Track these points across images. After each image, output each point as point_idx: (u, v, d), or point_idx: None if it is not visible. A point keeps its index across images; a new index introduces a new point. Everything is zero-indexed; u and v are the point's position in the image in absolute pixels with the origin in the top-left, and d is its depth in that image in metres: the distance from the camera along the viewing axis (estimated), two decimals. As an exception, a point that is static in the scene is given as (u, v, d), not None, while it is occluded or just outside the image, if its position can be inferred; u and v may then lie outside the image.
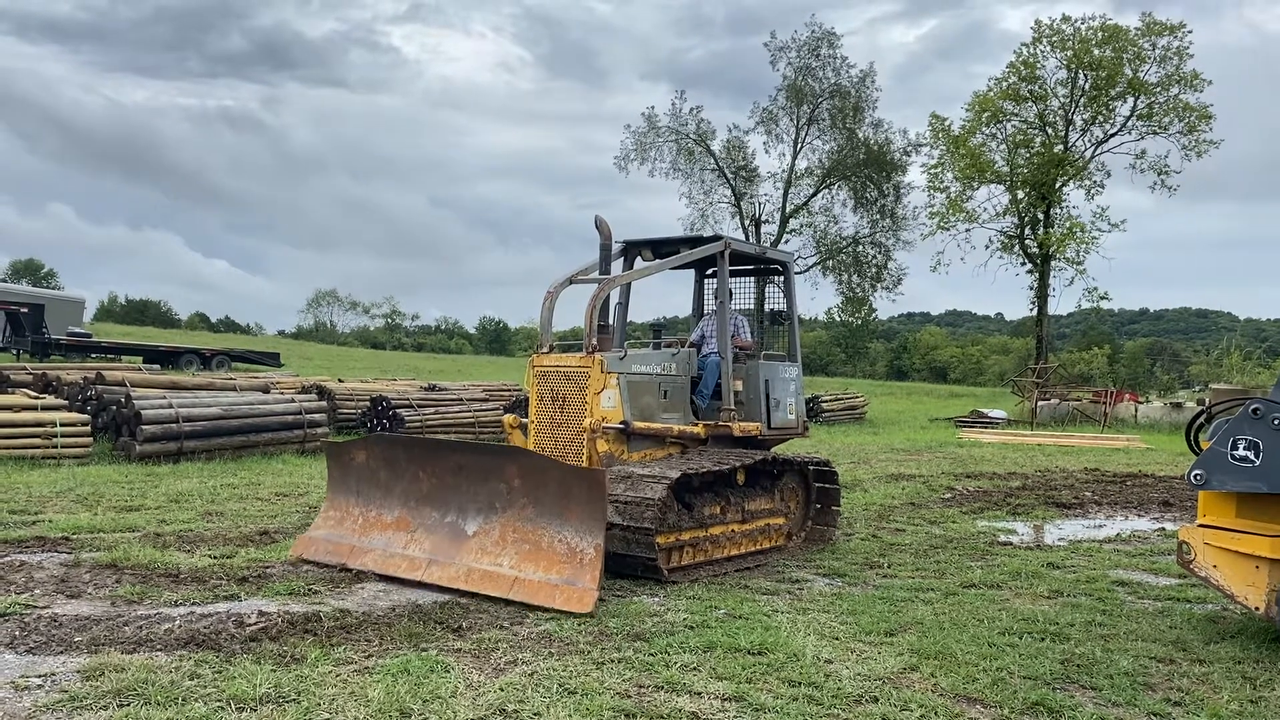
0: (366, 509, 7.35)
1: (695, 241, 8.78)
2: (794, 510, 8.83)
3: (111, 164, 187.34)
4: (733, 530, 7.86)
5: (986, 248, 45.96)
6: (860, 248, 55.73)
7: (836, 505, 9.09)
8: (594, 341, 7.69)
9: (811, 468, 8.96)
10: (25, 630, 5.30)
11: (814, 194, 55.85)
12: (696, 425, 8.29)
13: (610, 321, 8.92)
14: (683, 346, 8.87)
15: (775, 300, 9.87)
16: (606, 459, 7.52)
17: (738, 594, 6.83)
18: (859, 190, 54.85)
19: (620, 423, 7.65)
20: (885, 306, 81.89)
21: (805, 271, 56.22)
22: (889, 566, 8.05)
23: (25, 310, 34.82)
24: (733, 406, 8.55)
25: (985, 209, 45.73)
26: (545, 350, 8.00)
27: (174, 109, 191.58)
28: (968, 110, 45.61)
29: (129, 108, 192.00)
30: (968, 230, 45.67)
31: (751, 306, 10.16)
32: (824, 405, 28.22)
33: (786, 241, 56.12)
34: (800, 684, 4.86)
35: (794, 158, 55.53)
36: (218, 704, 4.27)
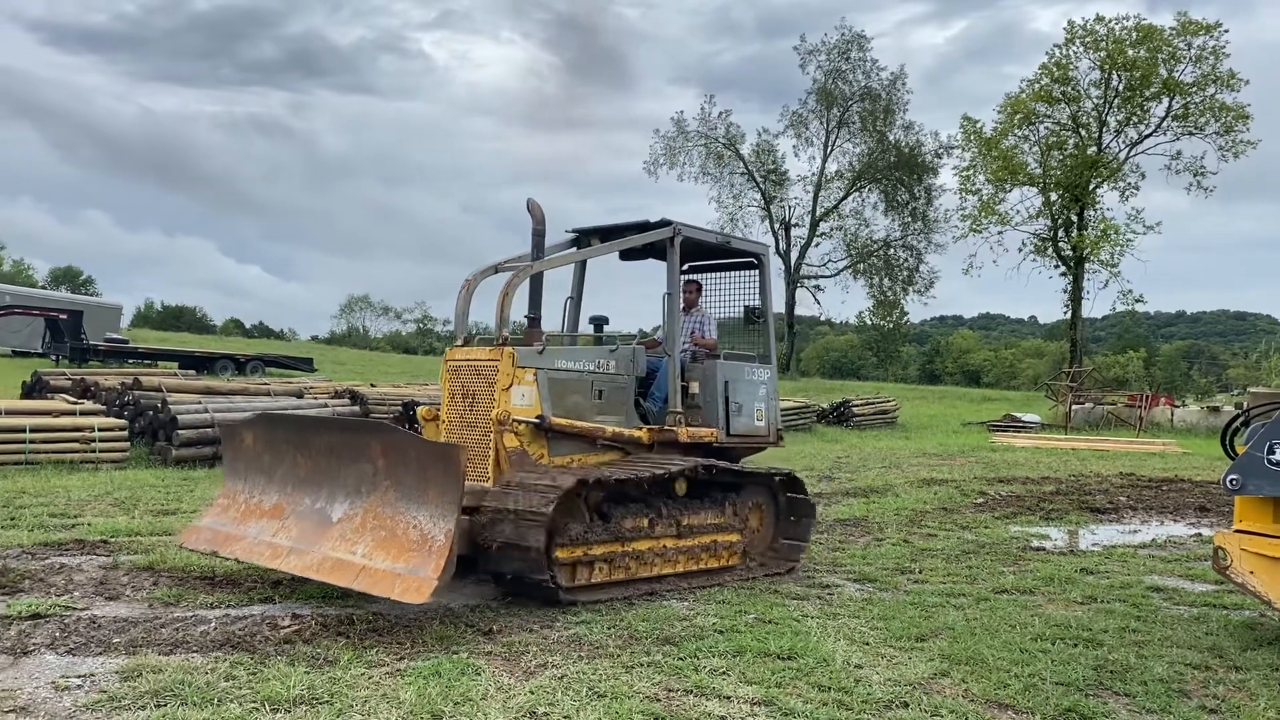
0: (250, 495, 6.91)
1: (645, 228, 8.05)
2: (755, 527, 7.96)
3: (145, 172, 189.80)
4: (664, 546, 7.05)
5: (1019, 250, 45.75)
6: (891, 251, 55.55)
7: (809, 521, 8.16)
8: (505, 333, 7.07)
9: (775, 479, 8.09)
10: (65, 631, 5.39)
11: (844, 197, 55.75)
12: (640, 429, 7.62)
13: (564, 315, 8.62)
14: (639, 344, 8.13)
15: (749, 296, 9.13)
16: (518, 457, 6.78)
17: (767, 599, 6.83)
18: (890, 193, 54.70)
19: (536, 416, 6.95)
20: (917, 310, 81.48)
21: (836, 275, 56.09)
22: (920, 571, 8.01)
23: (64, 317, 35.43)
24: (680, 409, 7.83)
25: (1018, 211, 45.51)
26: (459, 343, 7.40)
27: (206, 117, 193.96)
28: (1000, 112, 45.43)
29: (162, 116, 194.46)
30: (1000, 233, 45.47)
31: (724, 303, 9.34)
32: (855, 409, 28.09)
33: (817, 245, 56.04)
34: (830, 689, 4.85)
35: (824, 161, 55.50)
36: (253, 705, 4.33)
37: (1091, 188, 43.91)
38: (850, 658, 5.38)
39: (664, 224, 7.94)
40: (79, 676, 4.69)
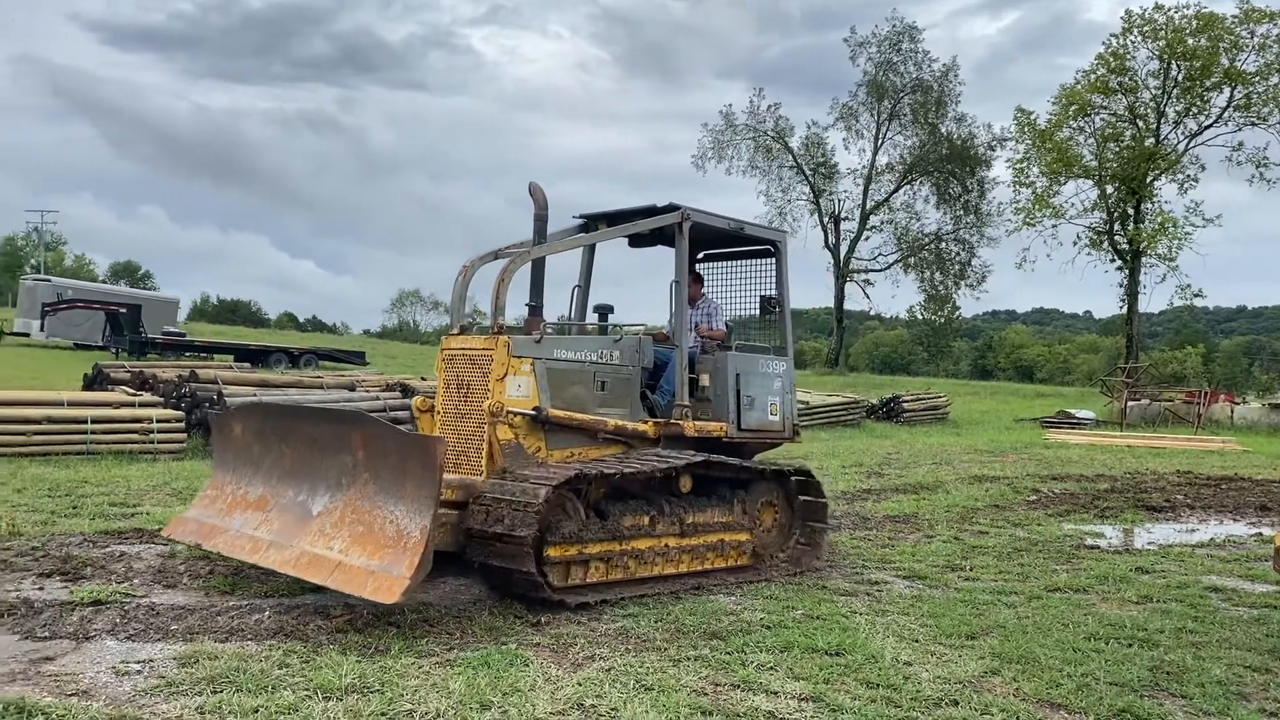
0: (237, 486, 6.74)
1: (652, 213, 7.73)
2: (767, 526, 7.66)
3: (200, 168, 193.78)
4: (666, 545, 6.78)
5: (1074, 244, 45.01)
6: (943, 244, 54.93)
7: (823, 521, 7.86)
8: (501, 321, 6.77)
9: (791, 476, 7.76)
10: (125, 618, 5.52)
11: (895, 190, 55.24)
12: (646, 422, 7.32)
13: (571, 303, 8.43)
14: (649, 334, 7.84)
15: (766, 285, 8.71)
16: (512, 451, 6.53)
17: (815, 594, 6.80)
18: (942, 186, 54.09)
19: (533, 408, 6.68)
20: (969, 304, 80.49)
21: (886, 269, 55.58)
22: (971, 569, 7.92)
23: (124, 310, 36.27)
24: (687, 402, 7.48)
25: (1073, 204, 44.77)
26: (455, 331, 7.13)
27: (258, 113, 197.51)
28: (1054, 103, 44.68)
29: (216, 113, 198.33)
30: (1054, 226, 44.77)
31: (740, 292, 8.98)
32: (905, 405, 27.85)
33: (866, 239, 55.54)
34: (878, 685, 4.82)
35: (874, 153, 55.01)
36: (305, 693, 4.40)
37: (1149, 180, 43.03)
38: (899, 655, 5.34)
39: (672, 208, 7.64)
40: (138, 662, 4.81)
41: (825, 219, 55.29)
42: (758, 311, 8.65)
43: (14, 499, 9.37)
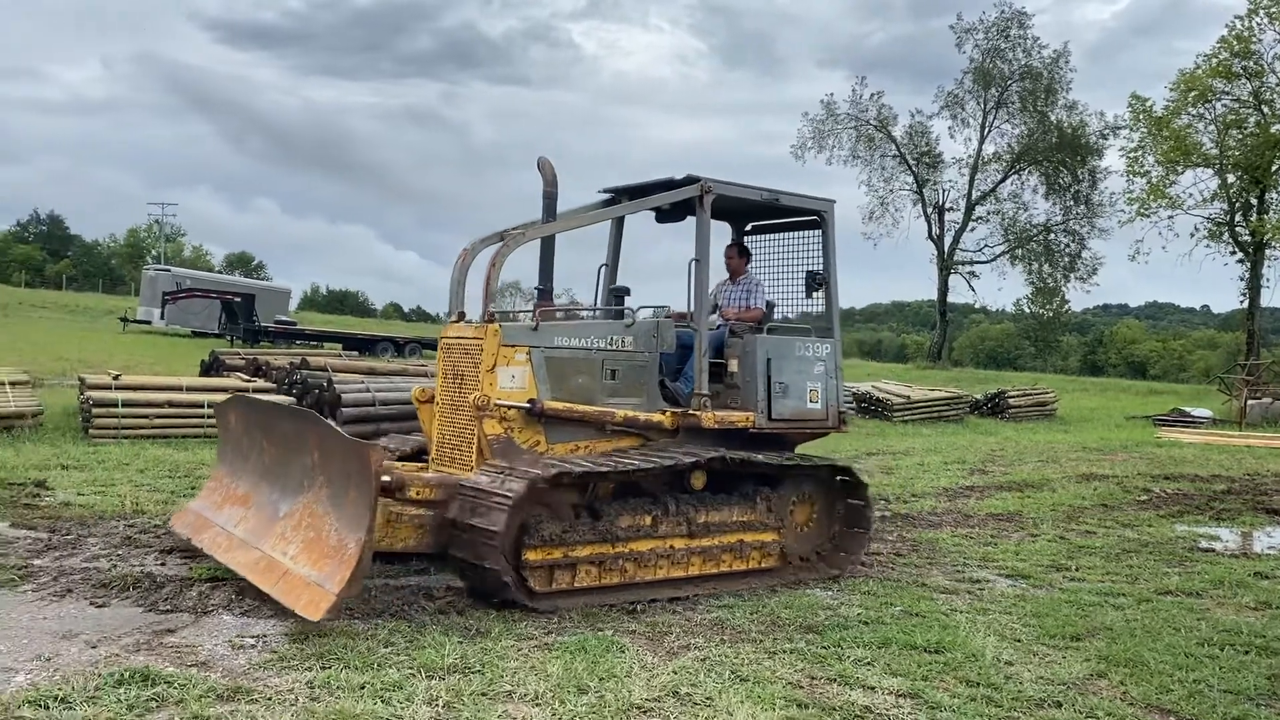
0: (231, 480, 6.65)
1: (670, 186, 7.11)
2: (798, 526, 7.14)
3: (309, 162, 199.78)
4: (671, 547, 6.29)
5: (1191, 236, 43.14)
6: (1052, 236, 53.34)
7: (865, 521, 7.27)
8: (490, 308, 6.34)
9: (828, 473, 7.24)
10: (240, 594, 5.74)
11: (1002, 180, 53.78)
12: (662, 413, 6.76)
13: (597, 284, 8.00)
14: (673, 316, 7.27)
15: (813, 259, 8.03)
16: (503, 445, 6.12)
17: (914, 591, 6.71)
18: (1051, 176, 52.49)
19: (528, 401, 6.25)
20: (1079, 298, 78.01)
21: (992, 260, 54.23)
22: (1077, 569, 7.72)
23: (239, 299, 37.67)
24: (706, 390, 6.86)
25: (1190, 194, 42.89)
26: (454, 319, 6.73)
27: (364, 108, 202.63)
28: (1172, 90, 42.81)
29: (324, 108, 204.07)
30: (1170, 217, 42.97)
31: (783, 269, 8.40)
32: (1010, 401, 27.18)
33: (972, 230, 54.25)
34: (979, 684, 4.75)
35: (981, 142, 53.61)
36: (409, 671, 4.54)
37: (1274, 169, 41.06)
38: (1000, 654, 5.25)
39: (690, 180, 7.01)
40: (253, 637, 5.01)
41: (929, 209, 54.19)
42: (804, 289, 7.96)
43: (137, 479, 9.83)
